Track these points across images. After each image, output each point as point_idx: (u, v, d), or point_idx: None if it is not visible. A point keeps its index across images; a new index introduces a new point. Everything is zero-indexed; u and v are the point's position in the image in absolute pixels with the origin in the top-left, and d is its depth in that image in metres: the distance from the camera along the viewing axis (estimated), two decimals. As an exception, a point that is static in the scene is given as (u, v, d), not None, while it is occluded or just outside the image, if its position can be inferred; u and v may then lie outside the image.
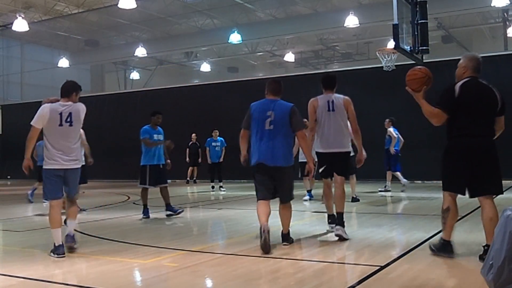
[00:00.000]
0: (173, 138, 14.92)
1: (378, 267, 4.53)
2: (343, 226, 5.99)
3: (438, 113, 4.72)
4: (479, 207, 7.88)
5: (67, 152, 5.37)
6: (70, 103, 5.55)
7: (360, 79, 18.03)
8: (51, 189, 5.37)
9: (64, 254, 5.29)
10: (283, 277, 4.46)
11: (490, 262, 3.28)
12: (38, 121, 5.39)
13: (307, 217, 8.41)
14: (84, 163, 8.92)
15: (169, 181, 9.34)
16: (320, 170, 6.33)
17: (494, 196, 4.86)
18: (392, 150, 12.38)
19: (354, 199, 10.46)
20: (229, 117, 19.24)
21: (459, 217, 6.59)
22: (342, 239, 5.87)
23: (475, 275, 3.96)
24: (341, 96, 6.40)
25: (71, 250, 5.51)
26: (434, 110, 4.72)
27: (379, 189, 12.95)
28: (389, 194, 12.45)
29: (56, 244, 5.31)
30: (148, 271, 4.73)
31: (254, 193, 5.86)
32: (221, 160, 14.81)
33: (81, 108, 5.62)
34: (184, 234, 7.19)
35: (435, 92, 4.91)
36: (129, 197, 13.10)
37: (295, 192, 6.06)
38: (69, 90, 5.66)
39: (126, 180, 20.98)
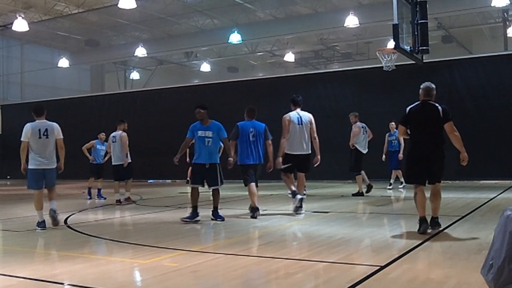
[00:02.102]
0: (173, 138, 14.96)
1: (378, 267, 4.53)
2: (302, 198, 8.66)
3: (400, 127, 6.74)
4: (479, 207, 8.47)
5: (45, 156, 7.30)
6: (44, 121, 7.43)
7: (360, 79, 18.03)
8: (35, 182, 7.33)
9: (45, 227, 7.27)
10: (283, 277, 4.46)
11: (490, 262, 3.28)
12: (24, 137, 7.30)
13: (307, 217, 8.41)
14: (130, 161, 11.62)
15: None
16: (283, 167, 8.48)
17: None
18: None
19: (357, 194, 11.61)
20: (229, 117, 19.25)
21: (459, 217, 7.58)
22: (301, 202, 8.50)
23: (475, 275, 3.96)
24: (306, 113, 8.82)
25: (54, 220, 7.33)
26: (399, 126, 6.78)
27: (399, 187, 13.46)
28: (392, 193, 12.51)
29: (40, 220, 7.31)
30: (148, 271, 4.72)
31: None
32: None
33: (55, 126, 7.49)
34: (184, 234, 7.18)
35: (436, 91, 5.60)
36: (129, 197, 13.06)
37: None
38: (41, 111, 7.50)
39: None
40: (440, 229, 6.51)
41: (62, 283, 4.40)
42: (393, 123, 13.39)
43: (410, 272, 4.43)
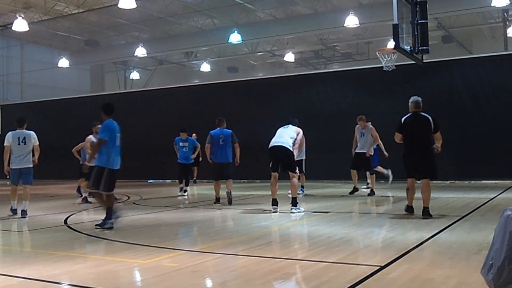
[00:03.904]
0: (173, 138, 14.97)
1: (378, 267, 4.53)
2: (296, 206, 8.83)
3: (396, 134, 8.05)
4: (479, 207, 8.78)
5: (22, 158, 9.08)
6: (24, 130, 9.20)
7: (360, 79, 18.03)
8: (13, 179, 9.18)
9: (16, 214, 9.10)
10: (283, 277, 4.46)
11: (490, 262, 3.28)
12: (6, 142, 9.11)
13: (307, 217, 8.41)
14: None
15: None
16: (270, 165, 8.96)
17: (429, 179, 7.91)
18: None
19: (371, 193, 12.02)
20: (229, 117, 19.22)
21: (459, 217, 7.74)
22: (297, 213, 8.70)
23: (475, 275, 3.96)
24: (296, 128, 9.34)
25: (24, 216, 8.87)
26: (396, 133, 8.07)
27: (362, 187, 13.13)
28: (389, 194, 12.49)
29: (13, 208, 9.24)
30: (148, 271, 4.72)
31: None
32: (192, 161, 13.85)
33: (32, 135, 9.24)
34: (184, 234, 7.19)
35: (434, 92, 5.74)
36: (129, 197, 13.09)
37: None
38: (23, 122, 9.25)
39: (126, 180, 20.97)
40: (440, 229, 6.56)
41: (62, 283, 4.40)
42: (369, 122, 13.17)
43: (410, 272, 4.43)
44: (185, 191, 13.44)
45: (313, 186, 14.90)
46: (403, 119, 7.98)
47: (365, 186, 13.47)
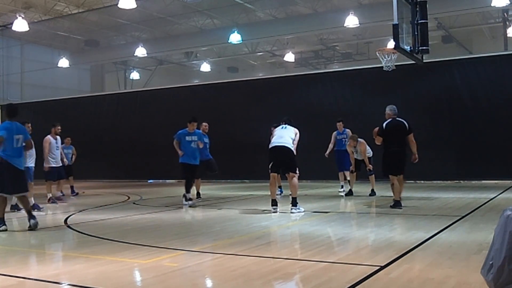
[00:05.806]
0: (173, 138, 14.97)
1: (378, 267, 4.53)
2: (296, 206, 8.87)
3: (377, 138, 9.25)
4: (479, 207, 9.04)
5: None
6: None
7: (360, 79, 18.03)
8: None
9: (19, 210, 9.57)
10: (283, 277, 4.46)
11: (490, 262, 3.28)
12: None
13: (307, 217, 8.41)
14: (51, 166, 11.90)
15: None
16: (270, 166, 8.95)
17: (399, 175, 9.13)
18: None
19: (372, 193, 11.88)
20: (229, 117, 19.24)
21: (459, 217, 7.69)
22: (297, 213, 8.71)
23: (475, 275, 3.96)
24: (293, 128, 9.26)
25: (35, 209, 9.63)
26: (377, 137, 9.29)
27: (339, 191, 12.74)
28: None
29: (12, 204, 9.62)
30: (148, 271, 4.72)
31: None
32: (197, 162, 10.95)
33: None
34: (184, 234, 7.18)
35: (434, 92, 5.89)
36: (129, 197, 13.09)
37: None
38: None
39: (126, 180, 20.97)
40: (440, 229, 6.59)
41: (62, 283, 4.40)
42: (340, 122, 12.92)
43: (410, 272, 4.43)
44: (191, 199, 10.78)
45: (313, 186, 14.91)
46: (384, 125, 9.15)
47: (341, 190, 12.75)
